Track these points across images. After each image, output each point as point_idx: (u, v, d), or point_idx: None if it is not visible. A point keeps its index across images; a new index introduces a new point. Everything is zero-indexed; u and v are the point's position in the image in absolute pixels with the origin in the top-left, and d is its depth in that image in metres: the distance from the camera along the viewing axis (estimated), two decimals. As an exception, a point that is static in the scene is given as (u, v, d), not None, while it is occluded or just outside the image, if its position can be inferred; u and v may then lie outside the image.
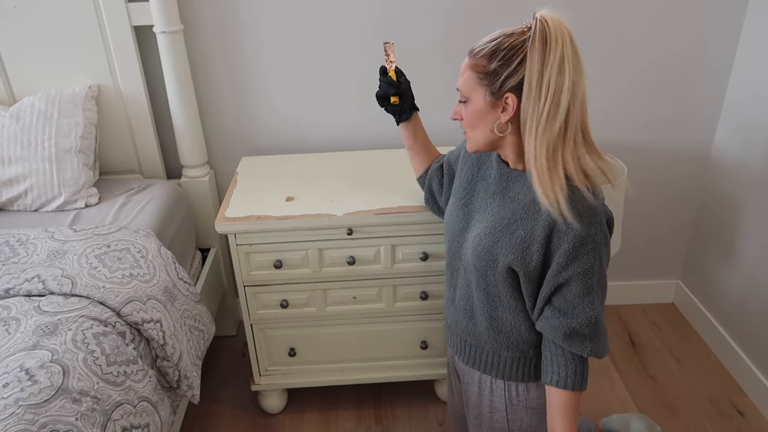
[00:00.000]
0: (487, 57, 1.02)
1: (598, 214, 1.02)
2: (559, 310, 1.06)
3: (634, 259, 2.33)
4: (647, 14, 1.89)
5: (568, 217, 0.99)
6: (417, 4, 1.85)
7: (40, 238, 1.48)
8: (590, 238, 1.01)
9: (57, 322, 1.20)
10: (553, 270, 1.04)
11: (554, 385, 1.10)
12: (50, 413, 1.03)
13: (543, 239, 1.04)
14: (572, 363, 1.08)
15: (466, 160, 1.24)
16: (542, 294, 1.08)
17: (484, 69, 1.03)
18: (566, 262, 1.02)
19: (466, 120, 1.10)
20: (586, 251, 1.02)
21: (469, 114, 1.08)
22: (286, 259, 1.63)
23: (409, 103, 1.43)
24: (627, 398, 1.97)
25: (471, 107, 1.07)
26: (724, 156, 2.07)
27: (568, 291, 1.05)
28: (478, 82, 1.04)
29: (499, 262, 1.09)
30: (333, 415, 1.93)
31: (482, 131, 1.08)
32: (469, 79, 1.05)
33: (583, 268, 1.03)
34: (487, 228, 1.11)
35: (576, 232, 1.01)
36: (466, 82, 1.06)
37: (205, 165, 2.01)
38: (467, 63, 1.06)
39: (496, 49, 1.01)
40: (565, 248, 1.02)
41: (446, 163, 1.37)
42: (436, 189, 1.43)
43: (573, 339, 1.06)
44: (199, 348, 1.57)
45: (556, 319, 1.07)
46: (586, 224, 1.01)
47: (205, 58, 1.92)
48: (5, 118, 1.72)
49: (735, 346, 2.04)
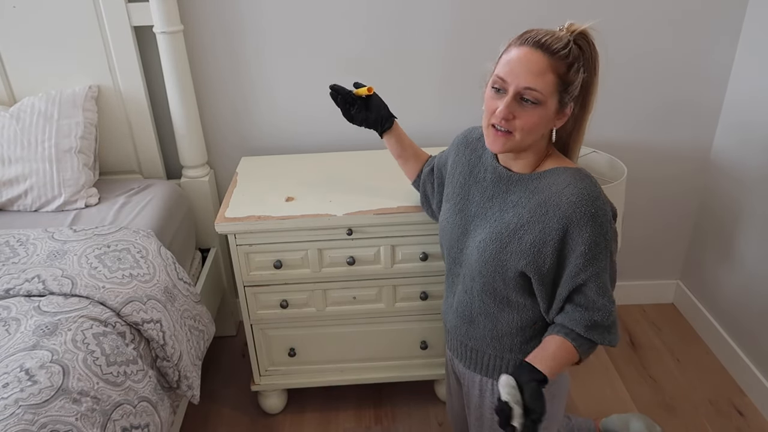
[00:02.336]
0: (569, 65, 1.00)
1: (608, 212, 1.04)
2: (580, 305, 1.07)
3: (634, 259, 2.33)
4: (647, 14, 1.89)
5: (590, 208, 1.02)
6: (413, 7, 1.85)
7: (40, 238, 1.48)
8: (603, 237, 1.03)
9: (57, 322, 1.20)
10: (571, 272, 1.05)
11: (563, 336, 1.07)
12: (50, 413, 1.03)
13: (556, 242, 1.03)
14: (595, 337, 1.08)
15: (457, 165, 1.23)
16: (560, 295, 1.08)
17: (564, 76, 1.00)
18: (584, 263, 1.03)
19: (528, 123, 1.01)
20: (601, 250, 1.03)
21: (537, 118, 1.01)
22: (286, 259, 1.63)
23: (385, 113, 1.42)
24: (627, 398, 1.97)
25: (543, 111, 1.01)
26: (723, 156, 2.07)
27: (588, 290, 1.06)
28: (556, 88, 1.00)
29: (509, 268, 1.08)
30: (333, 415, 1.93)
31: (536, 136, 1.05)
32: (551, 82, 0.99)
33: (599, 267, 1.04)
34: (492, 234, 1.11)
35: (591, 233, 1.01)
36: (547, 86, 0.99)
37: (205, 165, 2.01)
38: (548, 63, 0.98)
39: (573, 57, 1.00)
40: (582, 250, 1.02)
41: (436, 167, 1.36)
42: (429, 193, 1.42)
43: (594, 330, 1.07)
44: (199, 348, 1.57)
45: (577, 313, 1.07)
46: (599, 224, 1.01)
47: (205, 58, 1.92)
48: (5, 118, 1.72)
49: (735, 346, 2.04)
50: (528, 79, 0.98)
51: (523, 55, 0.99)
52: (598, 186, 1.05)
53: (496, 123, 1.03)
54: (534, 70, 0.98)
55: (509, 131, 1.03)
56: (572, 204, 1.01)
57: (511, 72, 1.00)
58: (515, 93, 1.00)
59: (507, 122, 1.02)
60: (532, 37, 0.99)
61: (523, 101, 1.00)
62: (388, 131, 1.42)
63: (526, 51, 0.99)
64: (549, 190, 1.04)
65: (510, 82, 1.00)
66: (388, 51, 1.91)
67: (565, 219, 1.01)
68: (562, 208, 1.02)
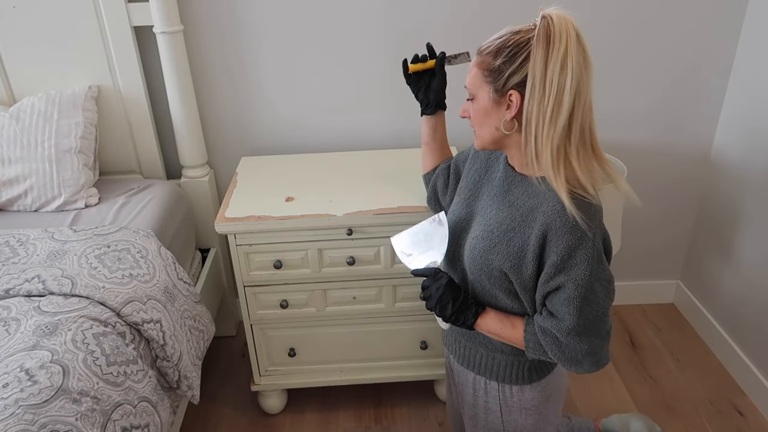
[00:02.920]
0: (493, 54, 1.02)
1: (591, 229, 1.00)
2: (550, 312, 1.07)
3: (634, 260, 2.33)
4: (647, 14, 1.89)
5: (571, 219, 0.99)
6: (420, 4, 1.85)
7: (40, 238, 1.48)
8: (580, 251, 1.00)
9: (57, 322, 1.20)
10: (542, 279, 1.05)
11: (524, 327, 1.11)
12: (50, 413, 1.03)
13: (536, 249, 1.03)
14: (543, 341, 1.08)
15: (475, 161, 1.24)
16: (537, 302, 1.09)
17: (489, 66, 1.03)
18: (554, 272, 1.02)
19: (473, 117, 1.10)
20: (575, 263, 1.00)
21: (475, 111, 1.09)
22: (286, 259, 1.63)
23: (435, 100, 1.42)
24: (627, 398, 1.97)
25: (477, 104, 1.07)
26: (724, 156, 2.07)
27: (555, 297, 1.05)
28: (483, 80, 1.04)
29: (494, 268, 1.09)
30: (333, 416, 1.93)
31: (488, 129, 1.08)
32: (475, 76, 1.06)
33: (570, 278, 1.01)
34: (484, 231, 1.11)
35: (566, 244, 1.00)
36: (472, 80, 1.07)
37: (205, 165, 2.01)
38: (474, 60, 1.07)
39: (501, 46, 1.01)
40: (554, 259, 1.01)
41: (453, 163, 1.36)
42: (440, 188, 1.42)
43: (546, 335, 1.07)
44: (199, 348, 1.57)
45: (543, 314, 1.08)
46: (578, 237, 1.00)
47: (205, 58, 1.92)
48: (5, 118, 1.72)
49: (735, 346, 2.04)
50: (466, 80, 1.09)
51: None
52: (593, 205, 1.02)
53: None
54: (469, 70, 1.08)
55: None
56: (555, 213, 1.01)
57: None
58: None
59: (470, 121, 1.12)
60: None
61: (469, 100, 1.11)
62: (428, 116, 1.44)
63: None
64: (544, 195, 1.04)
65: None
66: (388, 50, 1.91)
67: (545, 226, 1.01)
68: (546, 215, 1.02)
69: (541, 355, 1.09)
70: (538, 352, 1.09)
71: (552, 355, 1.07)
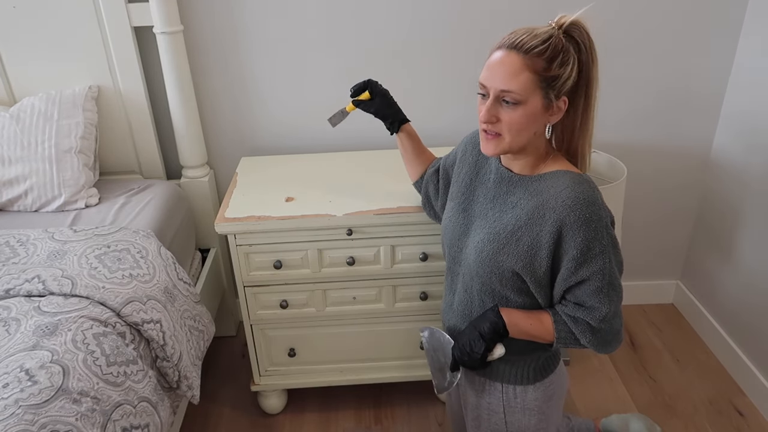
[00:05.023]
0: (548, 60, 0.99)
1: (603, 218, 1.03)
2: (574, 303, 1.09)
3: (634, 260, 2.33)
4: (647, 15, 1.89)
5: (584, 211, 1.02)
6: (415, 8, 1.86)
7: (40, 238, 1.48)
8: (597, 241, 1.02)
9: (57, 322, 1.20)
10: (563, 275, 1.06)
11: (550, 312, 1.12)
12: (50, 413, 1.03)
13: (551, 245, 1.04)
14: (576, 330, 1.09)
15: (463, 165, 1.24)
16: (555, 297, 1.11)
17: (545, 72, 0.99)
18: (575, 267, 1.04)
19: (513, 124, 1.02)
20: (594, 255, 1.03)
21: (520, 117, 1.02)
22: (286, 259, 1.63)
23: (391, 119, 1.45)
24: (627, 398, 1.97)
25: (525, 110, 1.01)
26: (723, 156, 2.07)
27: (579, 291, 1.07)
28: (537, 85, 1.00)
29: (505, 269, 1.09)
30: (333, 416, 1.93)
31: (527, 135, 1.04)
32: (528, 81, 0.99)
33: (591, 271, 1.04)
34: (490, 235, 1.11)
35: (584, 237, 1.01)
36: (524, 85, 0.99)
37: (205, 165, 2.01)
38: (523, 62, 0.99)
39: (554, 52, 0.99)
40: (573, 254, 1.03)
41: (441, 167, 1.36)
42: (432, 194, 1.43)
43: (578, 324, 1.08)
44: (199, 348, 1.57)
45: (569, 304, 1.10)
46: (593, 229, 1.01)
47: (205, 58, 1.92)
48: (5, 118, 1.72)
49: (735, 347, 2.04)
50: (504, 82, 1.00)
51: (498, 58, 1.01)
52: (597, 191, 1.05)
53: (483, 127, 1.07)
54: (509, 72, 0.99)
55: (498, 133, 1.05)
56: (567, 207, 1.01)
57: (489, 77, 1.02)
58: (495, 96, 1.02)
59: (492, 125, 1.04)
60: (509, 38, 1.01)
61: (504, 103, 1.02)
62: (396, 133, 1.46)
63: (502, 54, 1.01)
64: (547, 192, 1.05)
65: (489, 86, 1.03)
66: (389, 51, 1.91)
67: (559, 222, 1.02)
68: (557, 212, 1.02)
69: (571, 344, 1.11)
70: (569, 340, 1.11)
71: (585, 341, 1.09)
